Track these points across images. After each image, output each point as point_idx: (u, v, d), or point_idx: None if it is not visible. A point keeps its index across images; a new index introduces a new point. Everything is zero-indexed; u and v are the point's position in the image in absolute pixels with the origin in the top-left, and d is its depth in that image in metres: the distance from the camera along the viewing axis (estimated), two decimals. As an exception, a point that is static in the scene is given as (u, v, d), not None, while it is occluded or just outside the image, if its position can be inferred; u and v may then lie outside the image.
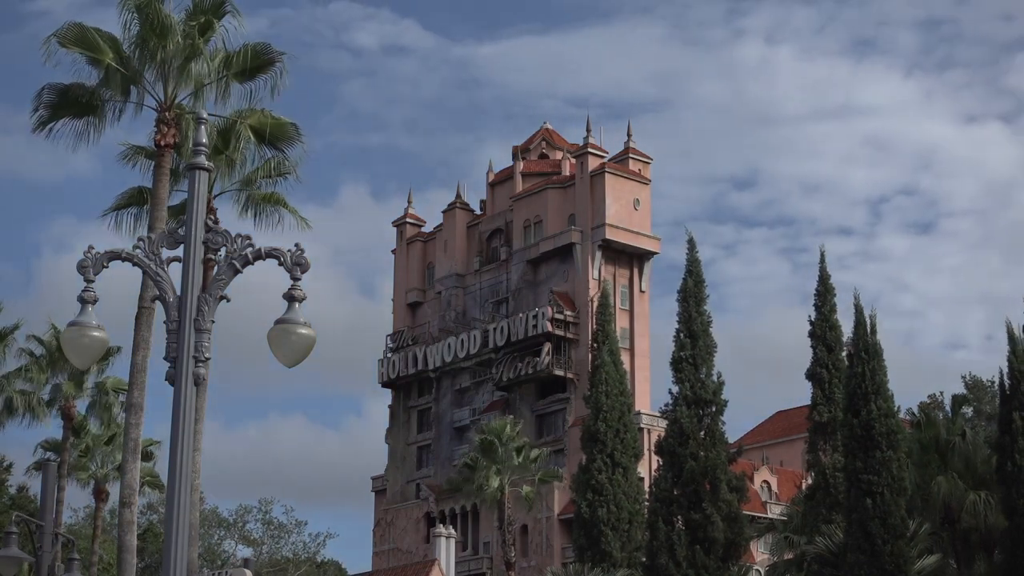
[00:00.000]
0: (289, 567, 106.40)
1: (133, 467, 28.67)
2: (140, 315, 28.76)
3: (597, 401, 58.35)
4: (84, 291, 12.81)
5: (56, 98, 30.15)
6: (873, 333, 46.75)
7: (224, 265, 12.73)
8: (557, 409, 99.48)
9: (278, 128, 31.65)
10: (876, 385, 45.54)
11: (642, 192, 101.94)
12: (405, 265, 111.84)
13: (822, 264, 53.82)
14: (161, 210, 29.14)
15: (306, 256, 12.60)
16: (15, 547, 22.59)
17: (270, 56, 30.52)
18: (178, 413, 12.15)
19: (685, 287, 55.70)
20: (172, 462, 12.05)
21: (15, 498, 76.02)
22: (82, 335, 12.66)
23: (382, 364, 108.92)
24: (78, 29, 29.39)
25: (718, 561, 51.54)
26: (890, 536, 43.36)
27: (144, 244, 12.89)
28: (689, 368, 54.14)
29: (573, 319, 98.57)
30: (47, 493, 25.57)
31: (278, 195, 33.46)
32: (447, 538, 62.03)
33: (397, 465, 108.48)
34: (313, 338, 12.35)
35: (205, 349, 12.37)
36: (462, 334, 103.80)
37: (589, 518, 56.28)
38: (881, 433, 44.61)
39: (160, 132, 29.39)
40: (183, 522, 11.95)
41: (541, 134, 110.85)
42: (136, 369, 28.54)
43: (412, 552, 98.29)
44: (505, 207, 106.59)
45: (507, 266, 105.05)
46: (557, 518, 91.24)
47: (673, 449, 53.22)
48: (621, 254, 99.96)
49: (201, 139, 13.35)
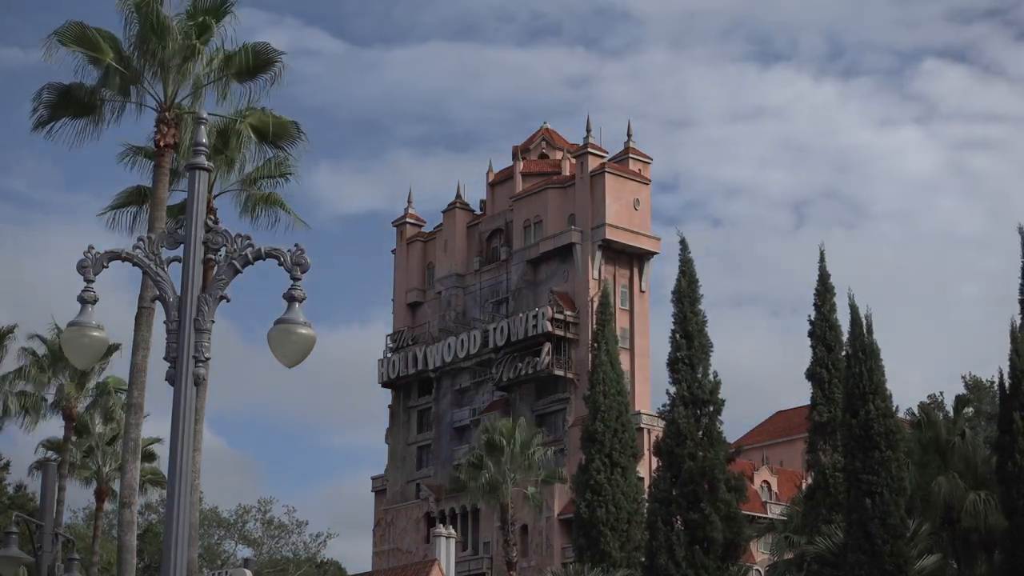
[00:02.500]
0: (289, 567, 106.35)
1: (133, 467, 28.69)
2: (140, 315, 28.77)
3: (595, 401, 58.35)
4: (84, 291, 12.82)
5: (56, 98, 30.13)
6: (870, 333, 46.75)
7: (224, 265, 12.75)
8: (557, 409, 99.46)
9: (279, 127, 31.66)
10: (874, 385, 45.56)
11: (642, 192, 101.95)
12: (405, 265, 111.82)
13: (821, 263, 53.71)
14: (161, 210, 29.15)
15: (306, 256, 12.62)
16: (15, 547, 22.59)
17: (270, 56, 30.53)
18: (178, 413, 12.17)
19: (679, 288, 55.63)
20: (172, 462, 12.07)
21: (14, 498, 76.04)
22: (82, 335, 12.68)
23: (382, 364, 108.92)
24: (78, 28, 29.37)
25: (717, 561, 51.56)
26: (890, 536, 43.38)
27: (144, 244, 12.90)
28: (685, 368, 54.13)
29: (573, 319, 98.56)
30: (47, 493, 25.53)
31: (277, 196, 33.48)
32: (447, 538, 62.00)
33: (397, 465, 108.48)
34: (313, 338, 12.37)
35: (205, 349, 12.39)
36: (462, 334, 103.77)
37: (588, 518, 56.29)
38: (880, 433, 44.63)
39: (160, 132, 29.39)
40: (183, 522, 11.97)
41: (541, 134, 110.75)
42: (136, 369, 28.55)
43: (412, 552, 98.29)
44: (505, 207, 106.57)
45: (507, 266, 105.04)
46: (557, 518, 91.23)
47: (671, 449, 53.24)
48: (621, 254, 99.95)
49: (201, 139, 13.36)
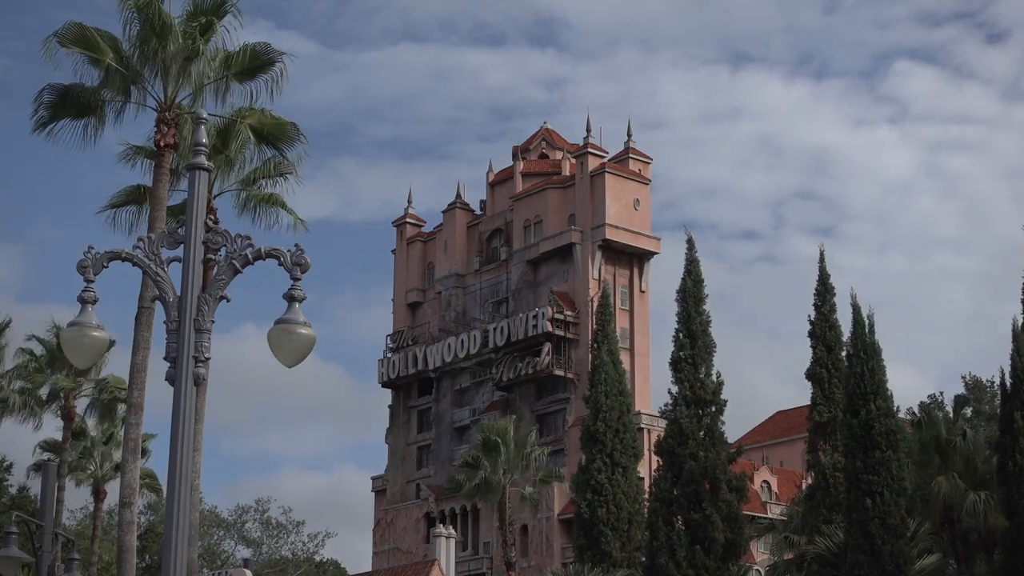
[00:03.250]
0: (289, 567, 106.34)
1: (133, 467, 28.69)
2: (140, 315, 28.77)
3: (596, 401, 58.30)
4: (84, 291, 12.83)
5: (56, 98, 30.13)
6: (871, 333, 46.72)
7: (224, 265, 12.75)
8: (557, 409, 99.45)
9: (278, 128, 31.66)
10: (875, 385, 45.52)
11: (642, 192, 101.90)
12: (405, 265, 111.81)
13: (821, 263, 53.68)
14: (161, 210, 29.15)
15: (306, 256, 12.62)
16: (15, 547, 22.60)
17: (270, 56, 30.53)
18: (178, 413, 12.17)
19: (684, 287, 55.60)
20: (172, 462, 12.06)
21: (15, 498, 76.05)
22: (83, 335, 12.69)
23: (382, 364, 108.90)
24: (78, 29, 29.37)
25: (718, 561, 51.50)
26: (890, 536, 43.36)
27: (144, 244, 12.90)
28: (688, 368, 54.08)
29: (573, 319, 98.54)
30: (47, 493, 25.54)
31: (276, 196, 33.47)
32: (447, 538, 61.99)
33: (397, 465, 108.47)
34: (313, 338, 12.38)
35: (205, 349, 12.40)
36: (462, 334, 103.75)
37: (589, 518, 56.25)
38: (881, 433, 44.60)
39: (160, 132, 29.38)
40: (183, 522, 11.96)
41: (541, 134, 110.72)
42: (136, 369, 28.54)
43: (412, 552, 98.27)
44: (505, 207, 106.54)
45: (507, 266, 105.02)
46: (557, 518, 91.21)
47: (673, 449, 53.19)
48: (621, 254, 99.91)
49: (201, 139, 13.36)
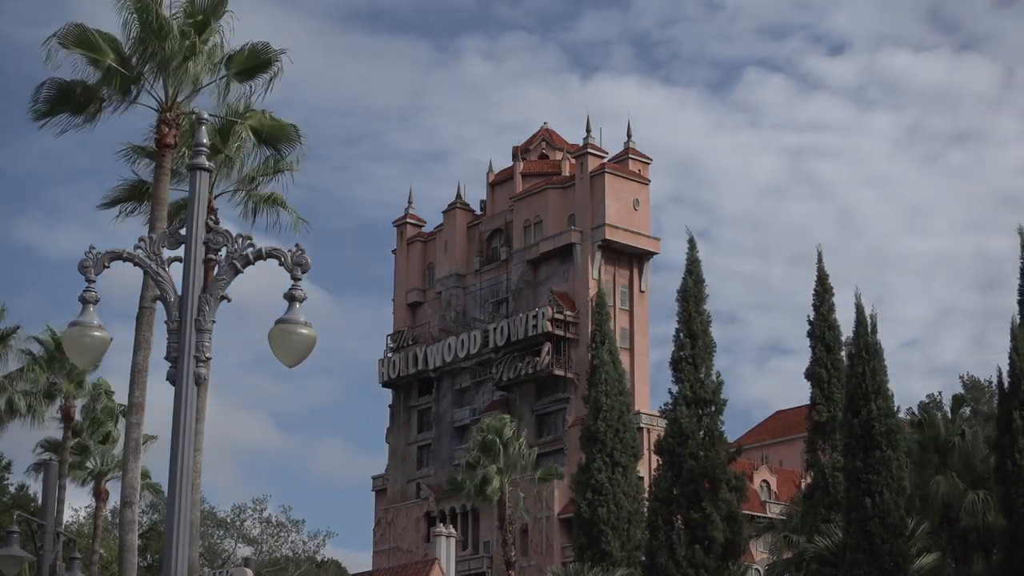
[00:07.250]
0: (289, 566, 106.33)
1: (134, 467, 28.69)
2: (141, 315, 28.78)
3: (596, 401, 58.38)
4: (85, 291, 12.86)
5: (56, 94, 30.15)
6: (873, 333, 46.77)
7: (225, 265, 12.80)
8: (557, 409, 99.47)
9: (278, 130, 31.64)
10: (876, 385, 45.58)
11: (642, 192, 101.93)
12: (405, 265, 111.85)
13: (820, 264, 53.75)
14: (161, 210, 29.16)
15: (307, 256, 12.66)
16: (16, 546, 22.66)
17: (269, 55, 30.54)
18: (179, 413, 12.21)
19: (685, 287, 55.63)
20: (173, 462, 12.10)
21: (16, 497, 76.12)
22: (84, 335, 12.72)
23: (382, 364, 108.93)
24: (79, 30, 29.37)
25: (717, 560, 51.57)
26: (889, 535, 43.42)
27: (145, 244, 12.95)
28: (689, 368, 54.14)
29: (573, 319, 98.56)
30: (48, 492, 25.61)
31: (277, 195, 33.49)
32: (447, 537, 62.05)
33: (397, 465, 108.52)
34: (314, 338, 12.42)
35: (206, 349, 12.43)
36: (462, 334, 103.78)
37: (589, 517, 56.33)
38: (881, 433, 44.67)
39: (160, 132, 29.40)
40: (184, 522, 12.01)
41: (541, 134, 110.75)
42: (137, 369, 28.57)
43: (412, 552, 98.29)
44: (505, 207, 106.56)
45: (507, 266, 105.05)
46: (557, 518, 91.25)
47: (673, 449, 53.25)
48: (621, 254, 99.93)
49: (201, 139, 13.39)
